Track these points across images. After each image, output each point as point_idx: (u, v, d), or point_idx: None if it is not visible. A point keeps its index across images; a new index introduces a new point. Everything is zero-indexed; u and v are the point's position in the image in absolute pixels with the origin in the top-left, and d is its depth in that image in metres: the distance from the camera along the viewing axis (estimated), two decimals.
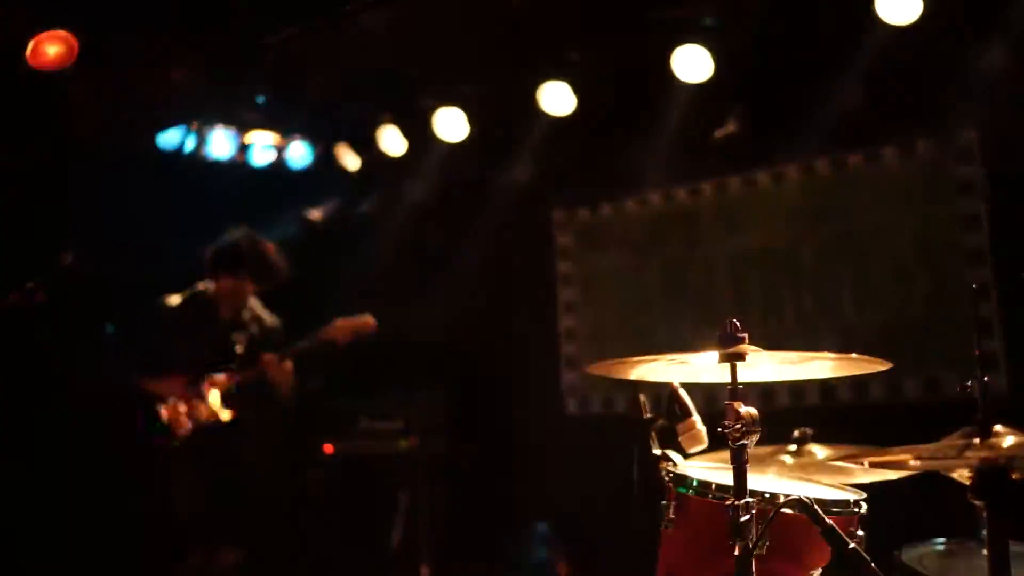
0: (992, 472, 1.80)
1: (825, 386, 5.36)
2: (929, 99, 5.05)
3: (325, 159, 6.44)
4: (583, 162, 6.15)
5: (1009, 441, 1.82)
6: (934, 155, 5.21)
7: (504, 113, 5.85)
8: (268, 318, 5.32)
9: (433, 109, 5.85)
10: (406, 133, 6.11)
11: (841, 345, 5.30)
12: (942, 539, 3.17)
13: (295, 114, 6.15)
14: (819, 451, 3.17)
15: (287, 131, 6.26)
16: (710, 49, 5.04)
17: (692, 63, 5.12)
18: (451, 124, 5.86)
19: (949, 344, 5.00)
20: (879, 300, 5.29)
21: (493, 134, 5.98)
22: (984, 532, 3.16)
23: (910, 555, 3.07)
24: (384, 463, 5.77)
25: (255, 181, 6.19)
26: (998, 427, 1.91)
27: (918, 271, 5.19)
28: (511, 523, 6.00)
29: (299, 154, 6.35)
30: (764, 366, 2.37)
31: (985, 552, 3.13)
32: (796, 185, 5.61)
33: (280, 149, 6.29)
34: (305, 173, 6.40)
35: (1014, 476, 1.83)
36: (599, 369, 2.51)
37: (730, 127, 5.44)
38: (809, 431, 3.30)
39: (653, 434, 2.64)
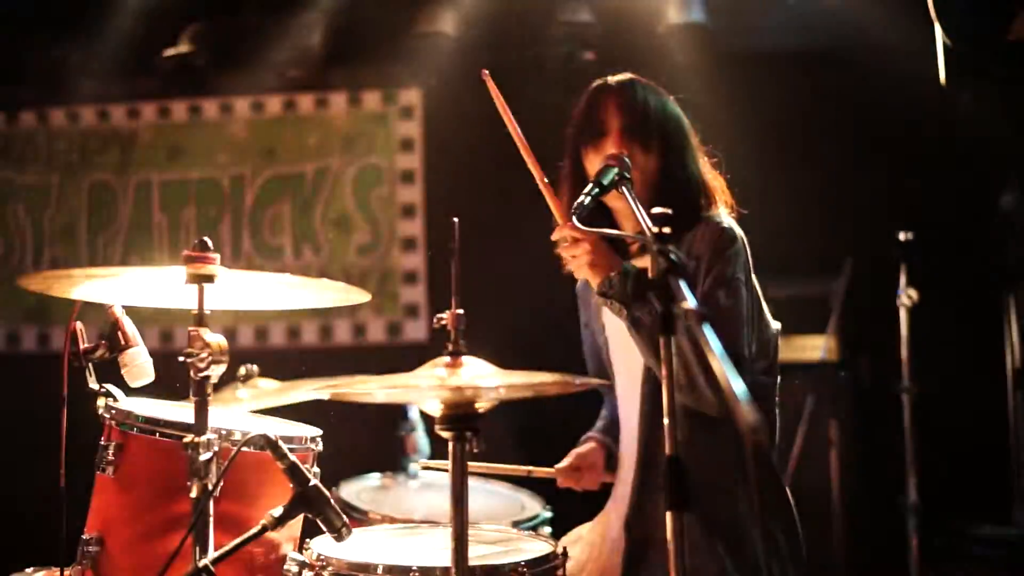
0: (458, 404, 1.83)
1: (290, 329, 5.30)
2: (380, 55, 5.22)
3: None
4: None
5: (470, 378, 1.87)
6: (379, 109, 5.38)
7: None
8: None
9: None
10: None
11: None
12: (376, 473, 3.29)
13: None
14: (270, 387, 3.08)
15: None
16: None
17: None
18: None
19: (380, 292, 5.22)
20: (317, 245, 5.35)
21: None
22: (411, 466, 3.37)
23: (348, 490, 3.14)
24: None
25: None
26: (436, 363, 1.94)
27: (357, 220, 5.34)
28: None
29: None
30: (231, 293, 2.20)
31: (411, 483, 3.33)
32: (244, 120, 5.45)
33: None
34: None
35: (478, 408, 1.87)
36: (34, 283, 2.15)
37: (181, 48, 5.08)
38: (255, 368, 3.19)
39: (90, 367, 2.32)
